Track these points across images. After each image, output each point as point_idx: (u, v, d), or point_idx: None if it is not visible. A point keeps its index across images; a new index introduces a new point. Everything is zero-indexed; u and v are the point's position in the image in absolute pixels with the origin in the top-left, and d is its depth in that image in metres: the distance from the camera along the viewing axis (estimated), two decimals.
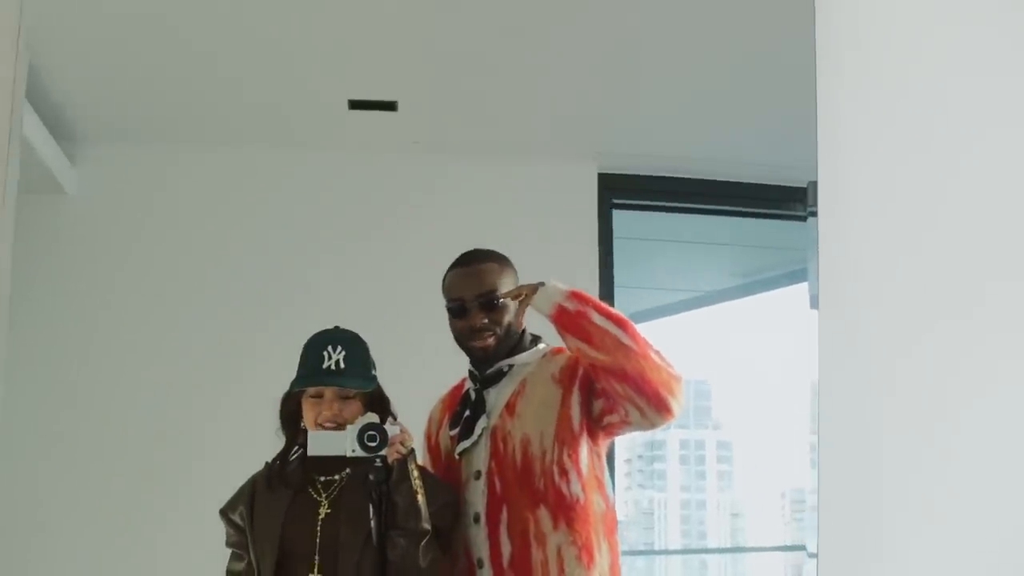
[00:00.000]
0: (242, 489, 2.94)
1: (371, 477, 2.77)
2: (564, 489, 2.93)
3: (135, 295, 4.87)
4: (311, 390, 2.89)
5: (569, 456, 2.95)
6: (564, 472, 2.94)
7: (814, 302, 3.30)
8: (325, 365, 2.89)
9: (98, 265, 4.80)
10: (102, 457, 4.76)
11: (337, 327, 2.94)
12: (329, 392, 2.87)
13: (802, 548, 5.48)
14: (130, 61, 4.01)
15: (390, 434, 2.73)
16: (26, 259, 4.20)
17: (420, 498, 2.79)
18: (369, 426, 2.71)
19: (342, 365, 2.88)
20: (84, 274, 4.82)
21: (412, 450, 2.80)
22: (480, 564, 2.95)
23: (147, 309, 4.83)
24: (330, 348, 2.89)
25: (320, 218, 4.67)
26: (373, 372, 2.92)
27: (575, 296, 2.89)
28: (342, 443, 2.74)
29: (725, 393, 6.47)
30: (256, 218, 4.76)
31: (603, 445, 3.01)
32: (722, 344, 6.04)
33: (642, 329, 5.99)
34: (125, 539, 4.80)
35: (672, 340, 6.06)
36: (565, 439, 2.94)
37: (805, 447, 5.25)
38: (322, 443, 2.79)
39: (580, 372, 2.95)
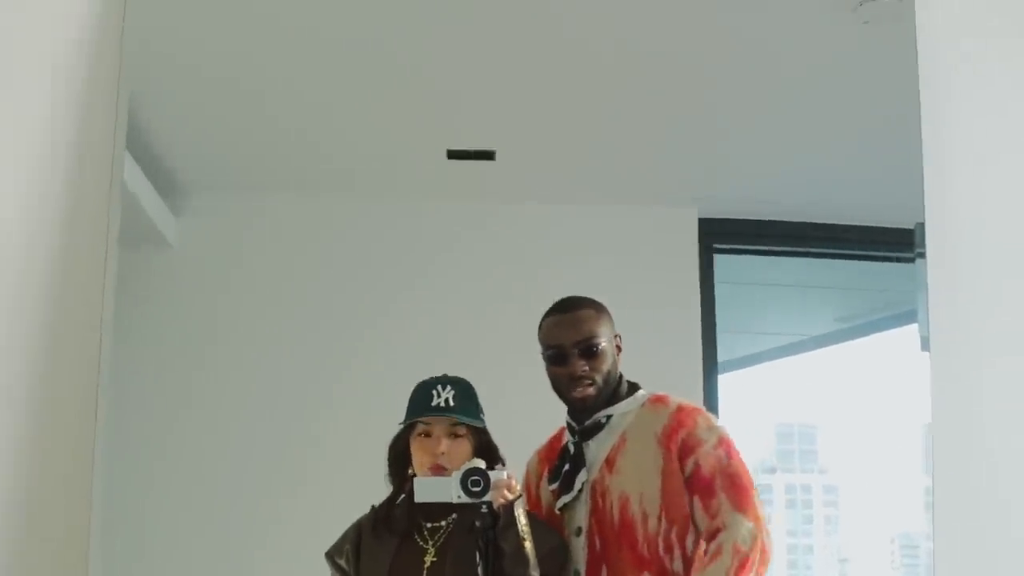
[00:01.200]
0: (347, 533, 2.95)
1: (477, 524, 2.77)
2: (667, 564, 2.93)
3: (235, 343, 4.91)
4: (420, 429, 2.89)
5: (677, 536, 2.94)
6: (669, 548, 2.94)
7: (925, 344, 3.23)
8: (434, 403, 2.92)
9: (200, 313, 4.86)
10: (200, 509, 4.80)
11: (445, 374, 2.92)
12: (439, 429, 2.88)
13: None
14: (232, 111, 4.07)
15: (494, 479, 2.69)
16: (130, 310, 4.29)
17: (528, 544, 2.79)
18: (473, 471, 2.70)
19: (451, 403, 2.90)
20: (187, 323, 4.88)
21: (520, 495, 2.76)
22: None
23: (245, 360, 4.87)
24: (439, 387, 2.91)
25: (417, 267, 4.68)
26: (482, 415, 2.89)
27: None
28: (448, 489, 2.73)
29: (831, 437, 6.36)
30: (356, 266, 4.78)
31: None
32: (827, 387, 5.95)
33: (743, 375, 5.90)
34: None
35: (775, 384, 5.98)
36: (673, 517, 2.92)
37: (915, 491, 5.14)
38: (428, 489, 2.79)
39: (679, 443, 2.92)
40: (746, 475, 3.03)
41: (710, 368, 4.87)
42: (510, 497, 2.78)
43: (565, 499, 3.00)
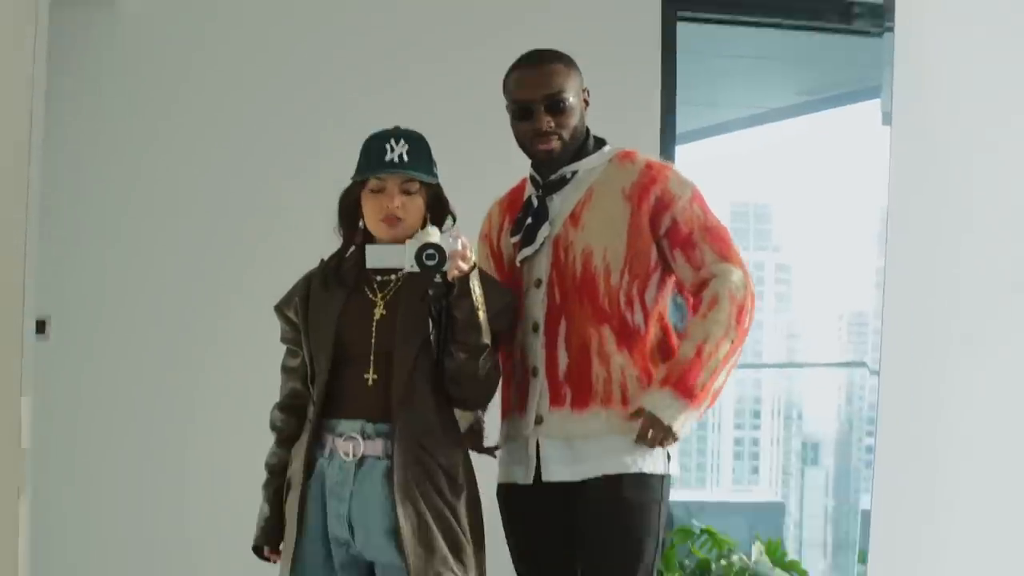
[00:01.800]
0: (296, 285, 2.93)
1: (431, 292, 2.72)
2: (628, 317, 2.90)
3: (183, 112, 4.83)
4: (372, 184, 2.82)
5: (637, 290, 2.90)
6: (630, 302, 2.90)
7: (887, 119, 3.18)
8: (388, 157, 2.81)
9: (147, 80, 4.74)
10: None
11: (398, 127, 2.87)
12: (392, 184, 2.81)
13: (860, 365, 5.47)
14: None
15: (450, 249, 2.67)
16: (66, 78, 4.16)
17: (481, 314, 2.75)
18: (427, 246, 2.65)
19: (405, 158, 2.81)
20: (130, 91, 4.78)
21: (475, 265, 2.75)
22: (535, 373, 2.92)
23: (194, 128, 4.80)
24: (392, 141, 2.83)
25: (380, 17, 4.56)
26: (435, 169, 2.85)
27: (684, 391, 2.80)
28: (400, 256, 2.68)
29: (786, 216, 6.40)
30: (314, 18, 4.66)
31: (669, 281, 2.96)
32: (785, 165, 5.94)
33: (703, 146, 5.84)
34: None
35: (733, 161, 5.97)
36: (637, 272, 2.90)
37: (866, 271, 5.18)
38: (380, 256, 2.75)
39: (652, 201, 2.88)
40: (723, 227, 2.93)
41: (668, 138, 4.84)
42: (464, 268, 2.73)
43: (526, 252, 2.95)
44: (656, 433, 2.81)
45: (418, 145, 2.83)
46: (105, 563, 4.85)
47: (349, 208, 2.87)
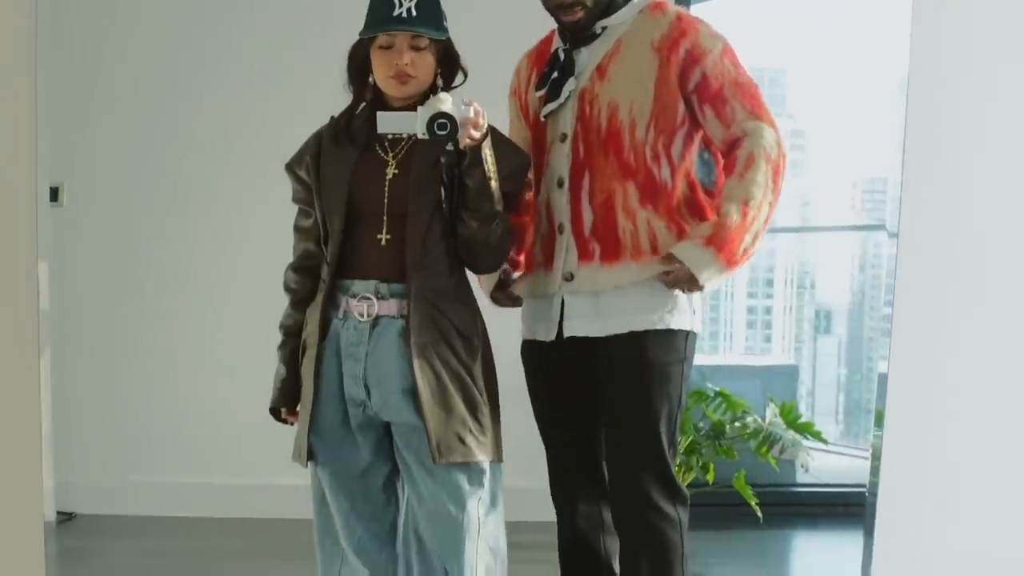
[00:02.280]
0: (306, 144, 2.87)
1: (442, 160, 2.69)
2: (655, 172, 2.84)
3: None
4: (381, 40, 2.76)
5: (663, 145, 2.84)
6: (656, 157, 2.84)
7: None
8: (396, 12, 2.74)
9: None
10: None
11: None
12: (400, 41, 2.75)
13: (879, 228, 5.43)
14: None
15: (461, 117, 2.62)
16: None
17: (493, 183, 2.71)
18: (439, 115, 2.60)
19: (414, 13, 2.74)
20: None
21: (487, 132, 2.71)
22: (561, 229, 2.89)
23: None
24: None
25: None
26: (445, 24, 2.79)
27: (728, 258, 2.76)
28: (412, 123, 2.64)
29: (801, 82, 6.31)
30: None
31: (696, 136, 2.90)
32: (803, 28, 5.83)
33: (716, 7, 5.71)
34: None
35: (750, 21, 5.86)
36: (663, 126, 2.83)
37: (885, 137, 5.11)
38: (391, 122, 2.70)
39: (682, 54, 2.81)
40: (754, 84, 2.85)
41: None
42: (476, 136, 2.68)
43: (551, 106, 2.89)
44: (687, 287, 2.79)
45: (427, 1, 2.78)
46: (122, 423, 4.92)
47: (358, 64, 2.81)
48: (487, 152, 2.70)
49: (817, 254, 6.58)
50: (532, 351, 2.99)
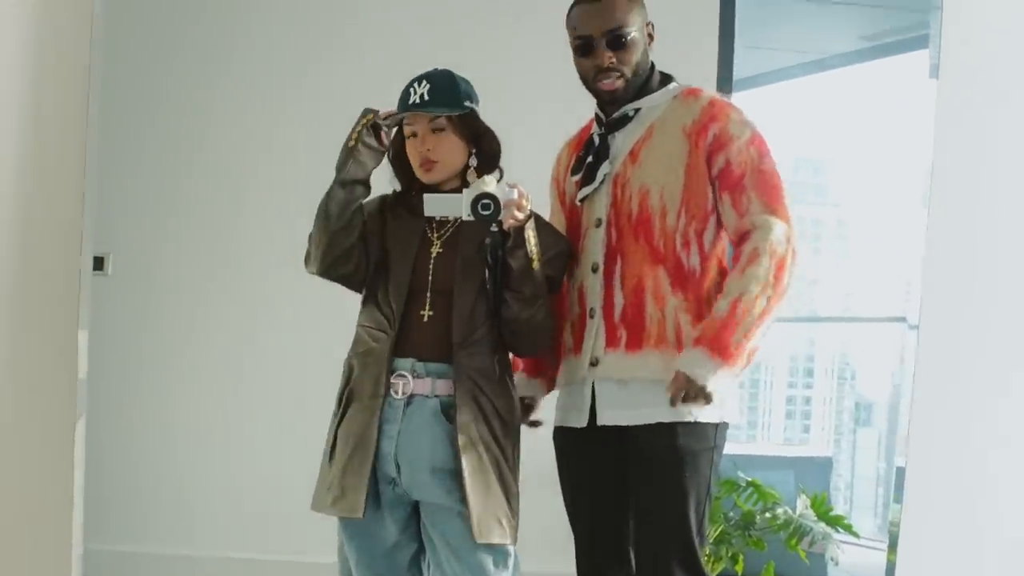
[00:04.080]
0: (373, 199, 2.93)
1: (487, 241, 2.74)
2: (683, 259, 2.85)
3: (238, 50, 4.88)
4: (407, 130, 2.86)
5: (695, 232, 2.85)
6: (686, 243, 2.84)
7: (933, 71, 3.11)
8: (411, 101, 2.83)
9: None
10: None
11: (431, 70, 2.88)
12: (420, 126, 2.83)
13: (900, 320, 5.40)
14: None
15: (505, 198, 2.67)
16: None
17: (536, 264, 2.75)
18: (483, 195, 2.66)
19: (426, 97, 2.82)
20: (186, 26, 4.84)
21: (531, 216, 2.75)
22: (592, 314, 2.90)
23: (249, 66, 4.85)
24: (416, 84, 2.85)
25: None
26: (466, 102, 2.85)
27: (719, 351, 2.74)
28: (457, 205, 2.70)
29: (844, 170, 6.32)
30: None
31: None
32: (846, 115, 5.83)
33: (762, 94, 5.71)
34: None
35: (793, 109, 5.89)
36: (694, 212, 2.84)
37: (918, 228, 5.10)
38: (437, 205, 2.76)
39: (710, 139, 2.83)
40: (777, 175, 2.85)
41: (725, 84, 4.76)
42: (520, 217, 2.73)
43: (586, 191, 2.92)
44: (690, 393, 2.75)
45: (441, 82, 2.83)
46: (157, 494, 4.93)
47: (398, 158, 2.91)
48: (531, 234, 2.75)
49: (859, 345, 6.54)
50: (564, 438, 2.98)
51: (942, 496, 2.93)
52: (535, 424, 3.02)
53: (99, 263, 4.82)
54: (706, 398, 2.75)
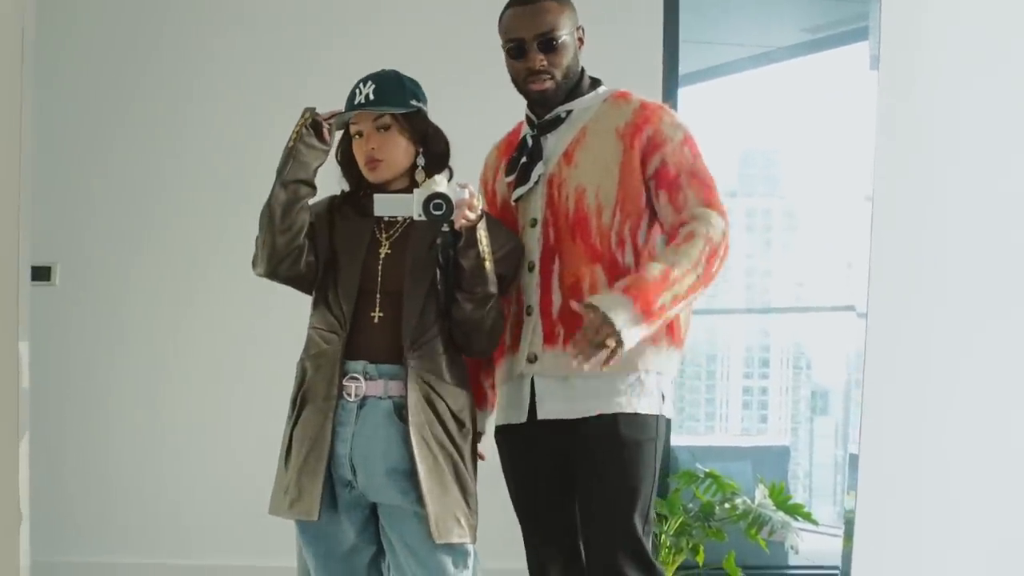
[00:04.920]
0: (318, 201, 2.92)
1: (438, 241, 2.74)
2: (619, 257, 2.89)
3: (181, 53, 4.86)
4: (352, 130, 2.87)
5: (630, 230, 2.89)
6: (621, 242, 2.89)
7: (874, 63, 3.14)
8: (356, 101, 2.84)
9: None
10: None
11: (377, 72, 2.89)
12: (365, 125, 2.84)
13: (849, 308, 5.45)
14: None
15: (457, 198, 2.67)
16: None
17: (488, 264, 2.76)
18: (434, 195, 2.66)
19: (371, 97, 2.83)
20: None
21: (482, 215, 2.76)
22: (529, 311, 2.93)
23: (191, 67, 4.83)
24: (361, 85, 2.86)
25: None
26: (412, 101, 2.86)
27: (644, 306, 2.73)
28: (408, 205, 2.69)
29: (792, 161, 6.36)
30: None
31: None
32: (791, 107, 5.87)
33: (708, 88, 5.72)
34: None
35: (739, 103, 5.92)
36: (628, 211, 2.89)
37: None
38: (387, 205, 2.76)
39: (644, 140, 2.88)
40: (710, 174, 2.92)
41: (671, 79, 4.79)
42: (472, 217, 2.73)
43: (521, 191, 2.95)
44: (602, 331, 2.72)
45: (386, 82, 2.85)
46: (103, 502, 4.90)
47: (346, 158, 2.91)
48: (482, 234, 2.75)
49: (813, 334, 6.58)
50: (507, 435, 3.00)
51: (895, 482, 2.97)
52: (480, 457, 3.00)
53: (46, 273, 4.79)
54: (617, 343, 2.72)
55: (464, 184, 2.73)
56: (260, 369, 2.96)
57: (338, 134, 2.91)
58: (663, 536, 4.38)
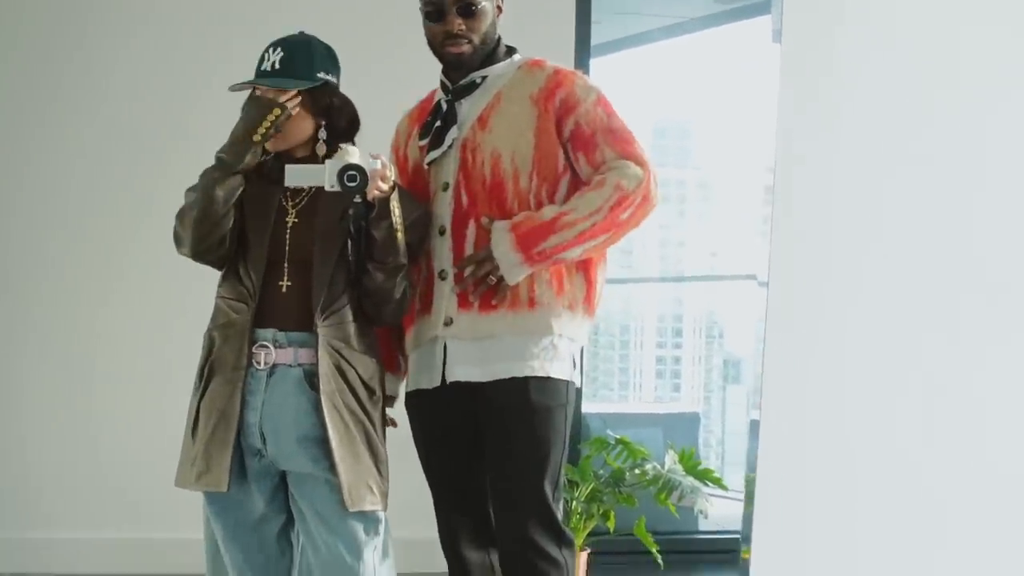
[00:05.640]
0: None
1: (350, 212, 2.72)
2: None
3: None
4: (257, 93, 2.82)
5: (547, 193, 2.90)
6: (539, 205, 2.89)
7: (776, 36, 3.18)
8: (263, 67, 2.83)
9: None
10: None
11: (300, 32, 2.87)
12: (268, 93, 2.80)
13: (750, 277, 5.53)
14: None
15: (370, 169, 2.66)
16: None
17: (399, 235, 2.75)
18: (349, 166, 2.64)
19: (277, 66, 2.81)
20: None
21: (395, 185, 2.75)
22: (443, 276, 2.93)
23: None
24: (270, 50, 2.83)
25: None
26: (320, 74, 2.83)
27: (524, 246, 2.80)
28: (320, 176, 2.67)
29: (705, 133, 6.41)
30: None
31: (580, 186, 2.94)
32: (704, 78, 5.91)
33: (621, 59, 5.72)
34: None
35: (653, 73, 5.95)
36: (545, 175, 2.90)
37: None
38: (299, 175, 2.74)
39: (557, 103, 2.90)
40: (628, 130, 2.89)
41: (583, 50, 4.80)
42: (384, 188, 2.71)
43: (434, 154, 2.95)
44: (483, 266, 2.82)
45: (295, 50, 2.82)
46: (14, 476, 4.85)
47: None
48: (395, 204, 2.74)
49: (725, 303, 6.65)
50: (417, 400, 3.01)
51: (795, 448, 3.04)
52: (390, 423, 3.00)
53: None
54: (496, 278, 2.81)
55: (376, 155, 2.71)
56: (174, 343, 2.94)
57: (246, 93, 2.86)
58: (574, 503, 4.43)
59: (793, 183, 3.03)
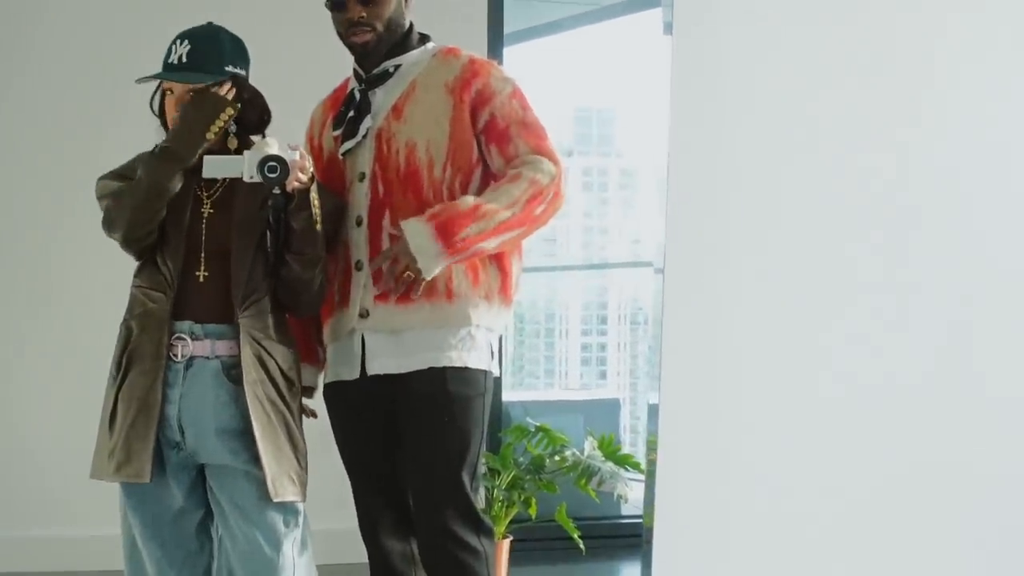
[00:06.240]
0: (129, 166, 2.84)
1: (270, 203, 2.71)
2: None
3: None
4: (164, 86, 2.82)
5: (460, 184, 2.91)
6: (452, 196, 2.89)
7: (667, 28, 3.21)
8: (170, 60, 2.81)
9: None
10: None
11: (209, 23, 2.85)
12: (177, 88, 2.79)
13: (647, 264, 5.60)
14: None
15: (290, 160, 2.66)
16: None
17: (318, 226, 2.75)
18: (269, 157, 2.63)
19: (184, 60, 2.79)
20: None
21: (312, 176, 2.74)
22: (359, 266, 2.92)
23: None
24: (177, 43, 2.81)
25: None
26: (228, 67, 2.82)
27: (443, 234, 2.78)
28: (239, 166, 2.66)
29: (629, 120, 6.44)
30: None
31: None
32: (623, 65, 5.94)
33: (535, 47, 5.72)
34: None
35: (569, 61, 5.97)
36: (460, 165, 2.90)
37: None
38: (218, 166, 2.72)
39: (473, 94, 2.90)
40: (541, 125, 2.91)
41: (495, 38, 4.79)
42: (304, 180, 2.70)
43: (348, 145, 2.94)
44: (401, 263, 2.80)
45: (203, 43, 2.80)
46: None
47: (161, 112, 2.85)
48: (314, 195, 2.73)
49: (649, 290, 6.68)
50: (336, 392, 3.01)
51: (694, 431, 3.12)
52: (309, 414, 3.00)
53: None
54: (414, 273, 2.79)
55: (295, 146, 2.70)
56: (95, 336, 2.91)
57: (153, 84, 2.85)
58: (495, 491, 4.44)
59: (685, 172, 3.07)
